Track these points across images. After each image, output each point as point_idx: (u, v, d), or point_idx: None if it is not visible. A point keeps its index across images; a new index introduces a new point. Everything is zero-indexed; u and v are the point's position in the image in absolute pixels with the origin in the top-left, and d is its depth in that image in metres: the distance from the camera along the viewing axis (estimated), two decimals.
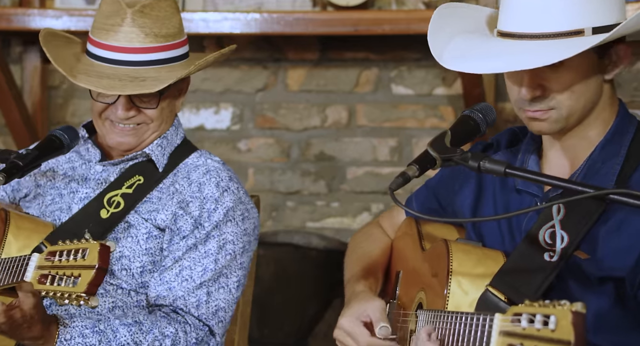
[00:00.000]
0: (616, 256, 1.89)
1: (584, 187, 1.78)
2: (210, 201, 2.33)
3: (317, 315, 3.65)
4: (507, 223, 2.03)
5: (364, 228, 2.38)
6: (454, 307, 1.91)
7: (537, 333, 1.49)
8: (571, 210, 1.92)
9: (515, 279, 1.90)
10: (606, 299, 1.90)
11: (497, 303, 1.89)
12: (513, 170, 1.85)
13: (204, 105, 3.87)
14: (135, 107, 2.33)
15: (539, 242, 1.92)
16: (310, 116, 3.84)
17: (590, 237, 1.91)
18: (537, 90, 1.91)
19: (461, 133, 1.96)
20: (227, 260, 2.33)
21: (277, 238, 3.70)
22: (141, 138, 2.38)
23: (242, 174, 3.87)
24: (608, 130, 1.96)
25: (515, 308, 1.56)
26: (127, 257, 2.33)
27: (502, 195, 2.06)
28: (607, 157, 1.94)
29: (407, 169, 1.91)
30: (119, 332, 2.22)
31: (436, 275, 1.98)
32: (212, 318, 2.31)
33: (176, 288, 2.30)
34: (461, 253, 1.96)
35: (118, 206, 2.35)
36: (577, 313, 1.47)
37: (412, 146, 3.78)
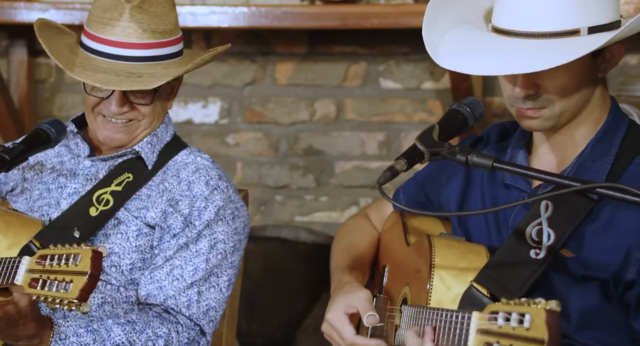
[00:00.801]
0: (602, 256, 1.89)
1: (571, 181, 1.78)
2: (200, 199, 2.33)
3: (306, 309, 3.65)
4: (494, 218, 2.03)
5: (352, 219, 2.38)
6: (436, 303, 1.91)
7: (512, 332, 1.51)
8: (559, 207, 1.91)
9: (500, 275, 1.90)
10: (591, 297, 1.90)
11: (481, 299, 1.89)
12: (501, 164, 1.85)
13: (192, 99, 3.86)
14: (129, 102, 2.32)
15: (526, 239, 1.92)
16: (299, 110, 3.83)
17: (577, 235, 1.91)
18: (530, 88, 1.90)
19: (449, 128, 1.96)
20: (218, 259, 2.32)
21: (265, 232, 3.70)
22: (132, 134, 2.37)
23: (231, 168, 3.86)
24: (599, 129, 1.96)
25: (492, 306, 1.57)
26: (116, 254, 2.32)
27: (490, 189, 2.06)
28: (598, 155, 1.94)
29: (395, 163, 1.92)
30: (113, 331, 2.21)
31: (419, 270, 1.99)
32: (203, 318, 2.30)
33: (167, 287, 2.29)
34: (444, 247, 1.96)
35: (107, 204, 2.34)
36: (551, 311, 1.48)
37: (400, 140, 3.78)
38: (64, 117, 2.57)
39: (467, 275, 1.93)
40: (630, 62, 3.63)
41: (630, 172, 1.91)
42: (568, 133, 1.96)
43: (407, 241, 2.13)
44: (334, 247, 2.31)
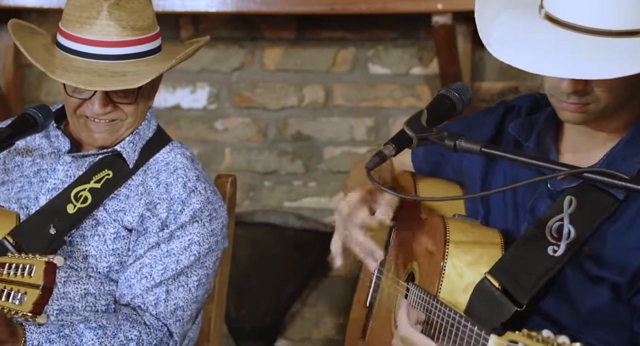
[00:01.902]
0: (620, 258, 1.85)
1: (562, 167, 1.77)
2: (177, 202, 2.30)
3: (294, 295, 3.66)
4: (513, 199, 1.98)
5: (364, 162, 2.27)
6: (447, 291, 1.89)
7: None
8: (583, 204, 1.87)
9: (515, 270, 1.87)
10: (602, 298, 1.88)
11: (493, 292, 1.86)
12: (490, 149, 1.84)
13: (180, 84, 3.85)
14: (112, 102, 2.28)
15: (545, 235, 1.88)
16: (287, 95, 3.83)
17: (598, 234, 1.87)
18: (579, 84, 1.83)
19: (437, 113, 1.94)
20: (190, 260, 2.30)
21: (254, 218, 3.70)
22: (116, 134, 2.33)
23: (219, 154, 3.86)
24: (633, 127, 1.90)
25: (512, 335, 1.53)
26: (93, 257, 2.29)
27: (512, 167, 2.00)
28: (628, 154, 1.89)
29: (384, 148, 1.90)
30: (85, 336, 2.19)
31: (432, 252, 1.96)
32: (170, 317, 2.28)
33: (135, 285, 2.27)
34: (459, 233, 1.92)
35: (85, 201, 2.31)
36: None
37: (389, 126, 3.78)
38: (51, 102, 2.55)
39: (480, 265, 1.90)
40: None
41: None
42: (600, 127, 1.90)
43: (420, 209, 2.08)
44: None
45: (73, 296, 2.29)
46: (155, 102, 2.45)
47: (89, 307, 2.30)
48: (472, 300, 1.87)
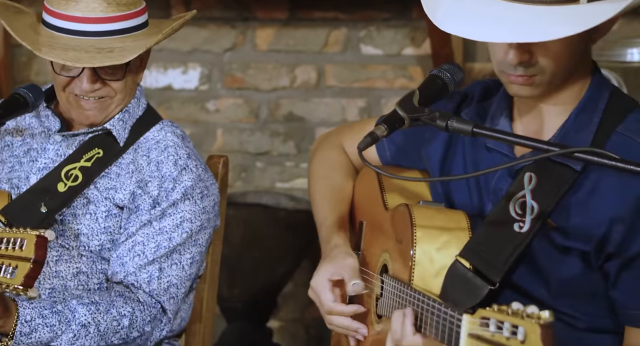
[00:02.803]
0: (584, 227, 1.88)
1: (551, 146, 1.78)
2: (169, 180, 2.30)
3: (287, 275, 3.67)
4: (475, 181, 2.02)
5: (328, 151, 2.30)
6: (420, 278, 1.90)
7: (506, 342, 1.49)
8: (543, 179, 1.90)
9: (484, 250, 1.90)
10: (572, 267, 1.90)
11: (466, 274, 1.89)
12: (481, 129, 1.85)
13: (172, 64, 3.84)
14: (100, 79, 2.28)
15: (509, 213, 1.91)
16: (279, 76, 3.82)
17: (560, 206, 1.90)
18: (525, 55, 1.87)
19: (429, 93, 1.94)
20: (182, 238, 2.30)
21: (246, 198, 3.70)
22: (105, 111, 2.33)
23: (211, 135, 3.85)
24: (582, 98, 1.94)
25: (483, 311, 1.55)
26: (85, 235, 2.29)
27: (472, 151, 2.04)
28: (580, 126, 1.92)
29: (376, 129, 1.91)
30: (78, 311, 2.20)
31: (401, 241, 1.98)
32: (163, 294, 2.28)
33: (128, 263, 2.27)
34: (425, 219, 1.95)
35: (76, 179, 2.31)
36: (546, 327, 1.45)
37: (381, 106, 3.78)
38: (42, 82, 2.54)
39: (449, 248, 1.92)
40: None
41: (612, 142, 1.90)
42: (550, 100, 1.95)
43: (385, 201, 2.12)
44: (316, 187, 2.26)
45: (65, 275, 2.30)
46: (147, 82, 2.45)
47: (81, 286, 2.31)
48: (445, 283, 1.89)
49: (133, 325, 2.24)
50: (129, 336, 2.24)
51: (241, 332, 3.61)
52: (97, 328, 2.21)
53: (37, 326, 2.16)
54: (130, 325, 2.23)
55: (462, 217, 1.97)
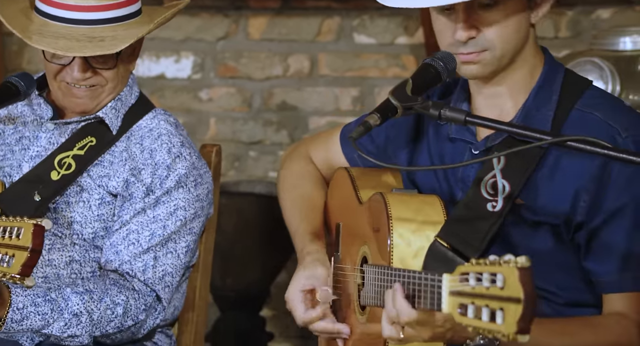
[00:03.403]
0: (551, 201, 1.92)
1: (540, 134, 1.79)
2: (162, 168, 2.30)
3: (279, 265, 3.67)
4: (443, 173, 2.06)
5: (296, 162, 2.34)
6: (399, 260, 1.92)
7: (486, 292, 1.51)
8: (511, 158, 1.94)
9: (461, 231, 1.93)
10: (543, 242, 1.94)
11: (446, 253, 1.92)
12: (473, 118, 1.86)
13: (164, 53, 3.83)
14: (91, 68, 2.27)
15: (481, 193, 1.95)
16: (272, 65, 3.81)
17: (529, 183, 1.94)
18: (472, 30, 1.92)
19: (422, 82, 1.95)
20: (177, 226, 2.30)
21: (239, 187, 3.70)
22: (97, 100, 2.32)
23: (204, 124, 3.85)
24: (539, 77, 1.98)
25: (462, 267, 1.58)
26: (78, 223, 2.29)
27: (437, 144, 2.08)
28: (541, 103, 1.97)
29: (369, 118, 1.91)
30: (71, 300, 2.20)
31: (377, 229, 1.99)
32: (158, 283, 2.28)
33: (123, 252, 2.27)
34: (399, 203, 1.97)
35: (69, 168, 2.30)
36: (523, 269, 1.48)
37: (374, 95, 3.78)
38: (33, 71, 2.54)
39: (425, 230, 1.94)
40: (602, 16, 3.64)
41: (572, 118, 1.95)
42: (505, 83, 1.98)
43: (359, 198, 2.14)
44: (285, 200, 2.30)
45: (58, 263, 2.30)
46: (139, 71, 2.44)
47: (74, 274, 2.31)
48: (426, 263, 1.92)
49: (127, 313, 2.24)
50: (124, 325, 2.24)
51: (234, 321, 3.61)
52: (89, 317, 2.21)
53: (28, 314, 2.16)
54: (125, 313, 2.23)
55: (435, 199, 1.99)
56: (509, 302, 1.47)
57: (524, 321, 1.46)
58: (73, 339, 2.22)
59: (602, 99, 1.98)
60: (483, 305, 1.51)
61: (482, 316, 1.50)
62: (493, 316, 1.49)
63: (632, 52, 3.12)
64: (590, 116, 1.94)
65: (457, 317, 1.56)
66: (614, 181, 1.89)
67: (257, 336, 3.66)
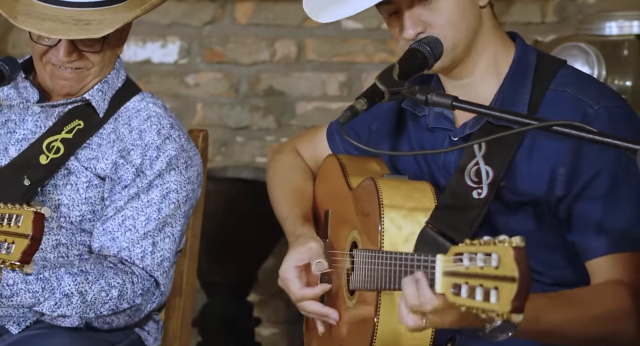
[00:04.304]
0: (530, 180, 1.94)
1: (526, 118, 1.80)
2: (152, 149, 2.30)
3: (267, 250, 3.67)
4: (424, 160, 2.07)
5: (284, 154, 2.36)
6: (389, 244, 1.92)
7: (480, 271, 1.51)
8: (492, 144, 1.95)
9: (450, 219, 1.94)
10: (526, 221, 1.95)
11: (436, 238, 1.93)
12: (460, 103, 1.86)
13: (151, 38, 3.81)
14: (77, 50, 2.26)
15: (465, 182, 1.96)
16: (259, 50, 3.80)
17: (511, 167, 1.95)
18: (418, 26, 1.94)
19: (409, 67, 1.95)
20: (170, 209, 2.30)
21: (226, 173, 3.69)
22: (82, 82, 2.31)
23: (191, 109, 3.84)
24: (512, 62, 1.99)
25: (456, 248, 1.57)
26: (65, 206, 2.29)
27: (416, 136, 2.09)
28: (516, 87, 1.98)
29: (356, 103, 1.91)
30: (64, 281, 2.19)
31: (367, 214, 2.00)
32: (157, 269, 2.29)
33: (120, 238, 2.27)
34: (390, 189, 1.97)
35: (58, 151, 2.30)
36: (518, 248, 1.48)
37: (361, 81, 3.77)
38: (18, 55, 2.52)
39: (416, 215, 1.95)
40: (588, 1, 3.64)
41: (548, 99, 1.96)
42: (470, 71, 1.99)
43: (349, 183, 2.14)
44: (275, 191, 2.31)
45: (44, 247, 2.29)
46: (125, 56, 2.43)
47: (61, 258, 2.31)
48: (417, 247, 1.93)
49: (123, 296, 2.24)
50: (119, 308, 2.24)
51: (221, 307, 3.62)
52: (82, 298, 2.21)
53: (18, 290, 2.17)
54: (120, 296, 2.23)
55: (426, 185, 2.00)
56: (504, 281, 1.47)
57: (518, 300, 1.46)
58: (64, 319, 2.22)
59: (574, 77, 2.00)
60: (477, 284, 1.51)
61: (476, 295, 1.50)
62: (487, 296, 1.49)
63: (617, 36, 3.13)
64: (563, 94, 1.95)
65: (450, 297, 1.56)
66: (589, 150, 1.90)
67: (244, 321, 3.67)
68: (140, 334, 2.37)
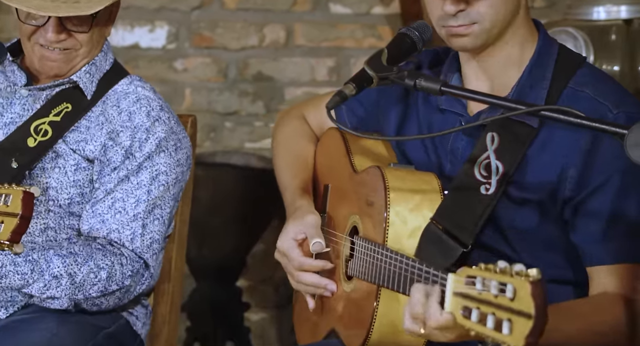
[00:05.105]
0: (538, 177, 1.92)
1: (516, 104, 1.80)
2: (141, 131, 2.29)
3: (256, 235, 3.67)
4: (432, 143, 2.04)
5: (290, 121, 2.34)
6: (394, 238, 1.91)
7: (494, 300, 1.49)
8: (504, 139, 1.93)
9: (455, 214, 1.92)
10: (530, 219, 1.94)
11: (440, 236, 1.91)
12: (448, 88, 1.86)
13: (139, 22, 3.80)
14: (66, 30, 2.25)
15: (475, 176, 1.94)
16: (248, 35, 3.80)
17: (522, 163, 1.93)
18: (460, 3, 1.91)
19: (398, 52, 1.95)
20: (160, 191, 2.30)
21: (215, 158, 3.69)
22: (71, 63, 2.31)
23: (179, 94, 3.83)
24: (533, 54, 1.97)
25: (469, 270, 1.55)
26: (54, 188, 2.28)
27: (426, 114, 2.06)
28: (535, 81, 1.96)
29: (344, 88, 1.91)
30: (53, 263, 2.19)
31: (372, 203, 1.98)
32: (147, 251, 2.29)
33: (110, 220, 2.27)
34: (397, 180, 1.95)
35: (45, 134, 2.29)
36: (535, 282, 1.45)
37: (350, 66, 3.77)
38: (5, 39, 2.51)
39: (421, 210, 1.93)
40: None
41: (566, 96, 1.94)
42: (495, 56, 1.97)
43: (353, 164, 2.13)
44: (279, 156, 2.29)
45: (32, 230, 2.29)
46: (113, 40, 2.42)
47: (49, 242, 2.31)
48: (420, 244, 1.91)
49: (112, 278, 2.24)
50: (108, 289, 2.24)
51: (210, 292, 3.62)
52: (71, 279, 2.21)
53: (7, 272, 2.16)
54: (109, 278, 2.23)
55: (432, 178, 1.98)
56: (519, 315, 1.45)
57: (532, 337, 1.44)
58: (53, 301, 2.22)
59: (593, 77, 1.97)
60: (489, 312, 1.49)
61: (487, 323, 1.48)
62: (499, 326, 1.47)
63: (605, 21, 3.13)
64: (581, 94, 1.93)
65: (460, 319, 1.54)
66: (602, 156, 1.89)
67: (233, 306, 3.67)
68: (129, 319, 2.37)
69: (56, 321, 2.24)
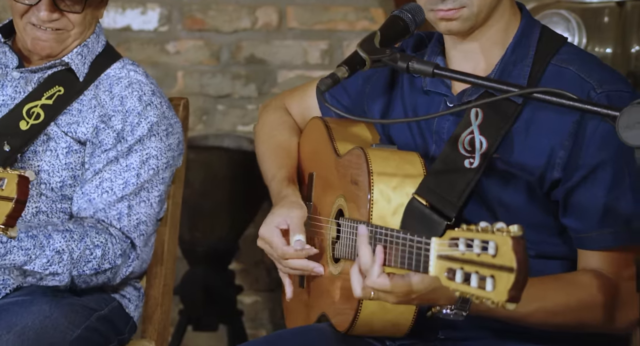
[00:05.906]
0: (525, 157, 1.93)
1: (509, 86, 1.80)
2: (133, 115, 2.29)
3: (248, 218, 3.68)
4: (417, 126, 2.06)
5: (272, 111, 2.35)
6: (378, 216, 1.92)
7: (477, 259, 1.50)
8: (488, 114, 1.94)
9: (438, 187, 1.94)
10: (517, 197, 1.95)
11: (423, 210, 1.92)
12: (441, 70, 1.86)
13: (130, 5, 3.78)
14: (59, 10, 2.25)
15: (459, 150, 1.95)
16: (240, 18, 3.78)
17: (506, 139, 1.95)
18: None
19: (390, 34, 1.95)
20: (149, 174, 2.30)
21: (207, 141, 3.69)
22: (63, 44, 2.30)
23: (171, 77, 3.82)
24: (516, 32, 1.99)
25: (452, 232, 1.56)
26: (45, 172, 2.28)
27: (411, 97, 2.08)
28: (517, 59, 1.97)
29: (337, 70, 1.91)
30: (53, 238, 2.20)
31: (356, 182, 1.99)
32: (133, 231, 2.29)
33: (96, 200, 2.27)
34: (380, 160, 1.96)
35: (38, 117, 2.29)
36: (517, 238, 1.47)
37: (343, 49, 3.76)
38: None
39: (405, 187, 1.94)
40: None
41: (549, 73, 1.95)
42: (480, 38, 1.99)
43: (336, 149, 2.14)
44: (263, 147, 2.30)
45: (25, 215, 2.29)
46: (105, 23, 2.42)
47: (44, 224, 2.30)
48: (404, 220, 1.92)
49: (105, 256, 2.24)
50: (101, 267, 2.24)
51: (203, 275, 3.63)
52: (70, 255, 2.21)
53: (12, 248, 2.16)
54: (103, 255, 2.24)
55: (415, 157, 1.99)
56: (501, 270, 1.47)
57: (515, 290, 1.46)
58: (54, 277, 2.22)
59: (577, 55, 1.99)
60: (473, 271, 1.50)
61: (471, 281, 1.50)
62: (483, 283, 1.49)
63: (598, 4, 3.13)
64: (565, 70, 1.94)
65: (444, 281, 1.56)
66: (591, 138, 1.89)
67: (226, 289, 3.68)
68: (121, 301, 2.38)
69: (49, 303, 2.24)
